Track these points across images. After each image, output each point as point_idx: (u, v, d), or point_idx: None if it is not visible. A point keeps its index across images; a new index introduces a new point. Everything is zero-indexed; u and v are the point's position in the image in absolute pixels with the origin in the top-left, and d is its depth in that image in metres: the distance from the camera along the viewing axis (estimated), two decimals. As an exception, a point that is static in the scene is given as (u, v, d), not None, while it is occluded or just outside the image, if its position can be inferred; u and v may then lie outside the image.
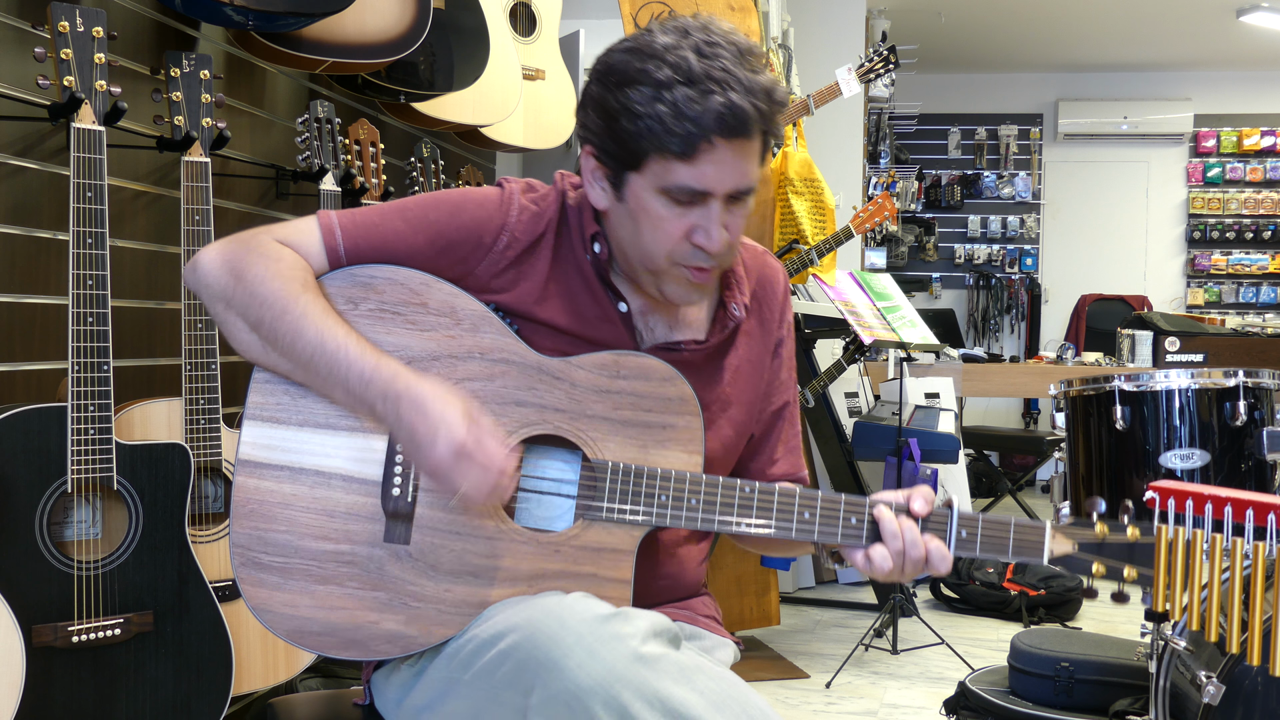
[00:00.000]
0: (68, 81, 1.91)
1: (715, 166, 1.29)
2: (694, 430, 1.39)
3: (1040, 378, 5.69)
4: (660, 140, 1.28)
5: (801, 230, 3.66)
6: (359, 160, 2.72)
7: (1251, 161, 8.44)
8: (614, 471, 1.35)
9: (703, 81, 1.26)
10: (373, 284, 1.37)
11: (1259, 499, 1.33)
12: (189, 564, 2.02)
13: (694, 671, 1.21)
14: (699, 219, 1.33)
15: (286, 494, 1.33)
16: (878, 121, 7.81)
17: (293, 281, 1.32)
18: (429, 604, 1.31)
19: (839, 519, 1.36)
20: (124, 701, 1.94)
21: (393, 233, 1.38)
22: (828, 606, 4.43)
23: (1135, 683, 2.63)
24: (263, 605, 1.32)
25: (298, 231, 1.38)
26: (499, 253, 1.40)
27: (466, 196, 1.43)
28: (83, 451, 1.88)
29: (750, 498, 1.36)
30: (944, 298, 8.83)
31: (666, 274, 1.38)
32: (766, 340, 1.55)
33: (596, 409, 1.37)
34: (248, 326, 1.34)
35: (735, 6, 3.58)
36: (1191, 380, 2.34)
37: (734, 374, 1.50)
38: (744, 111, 1.27)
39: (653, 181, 1.32)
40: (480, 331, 1.37)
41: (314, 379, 1.33)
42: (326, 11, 2.33)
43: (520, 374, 1.36)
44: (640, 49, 1.30)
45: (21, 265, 2.08)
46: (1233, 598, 1.33)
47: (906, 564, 1.34)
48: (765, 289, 1.55)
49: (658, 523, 1.35)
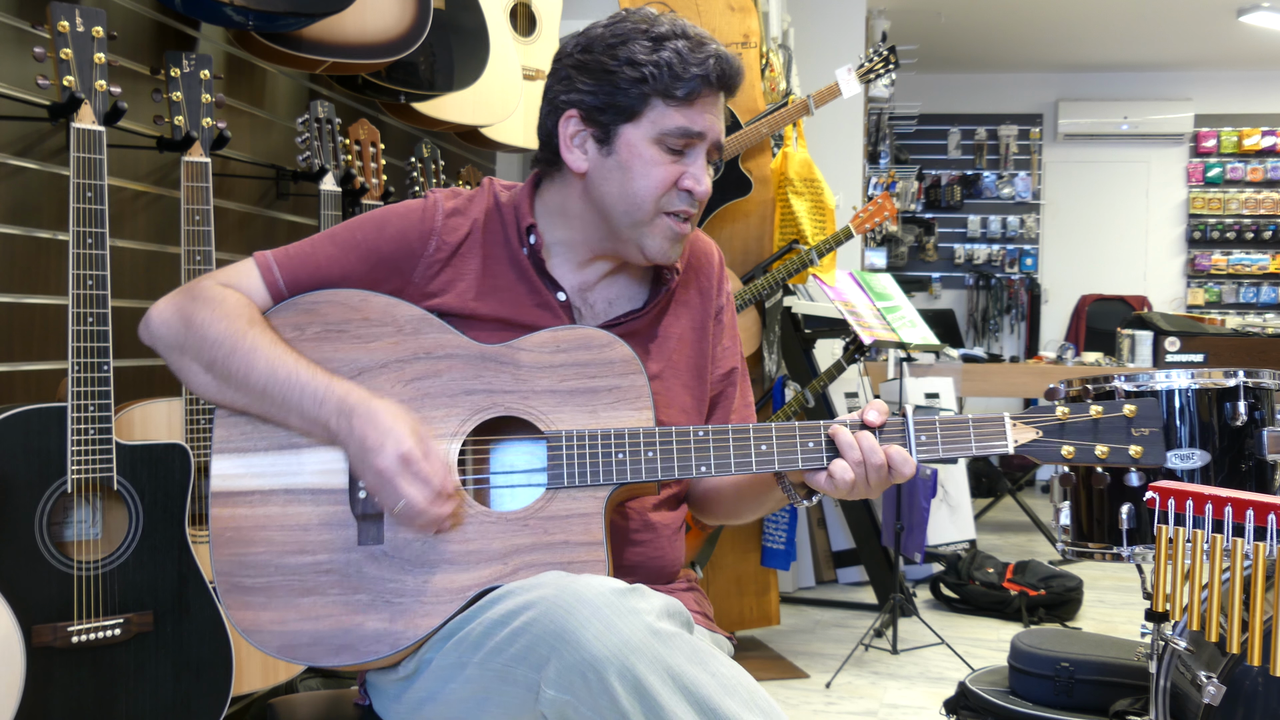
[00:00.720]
0: (68, 81, 1.91)
1: (708, 114, 1.44)
2: (640, 388, 1.43)
3: (1040, 378, 5.69)
4: (664, 85, 1.40)
5: (801, 230, 3.66)
6: (359, 160, 2.72)
7: (1252, 161, 8.45)
8: (568, 439, 1.38)
9: (694, 38, 1.43)
10: (315, 309, 1.43)
11: (1259, 499, 1.33)
12: (189, 564, 2.02)
13: (707, 655, 1.22)
14: (688, 164, 1.44)
15: (260, 517, 1.38)
16: (878, 121, 7.81)
17: (239, 319, 1.39)
18: (410, 597, 1.34)
19: (796, 444, 1.39)
20: (124, 701, 1.94)
21: (326, 258, 1.46)
22: (828, 606, 4.43)
23: (1135, 683, 2.63)
24: (251, 626, 1.35)
25: (238, 274, 1.46)
26: (430, 256, 1.47)
27: (390, 211, 1.50)
28: (83, 451, 1.88)
29: (705, 440, 1.39)
30: (944, 298, 8.83)
31: (650, 225, 1.45)
32: (706, 307, 1.60)
33: (543, 384, 1.41)
34: (202, 368, 1.40)
35: (735, 6, 3.58)
36: (1191, 380, 2.34)
37: (678, 341, 1.56)
38: (733, 65, 1.44)
39: (648, 130, 1.42)
40: (422, 333, 1.43)
41: (270, 408, 1.38)
42: (326, 11, 2.33)
43: (466, 365, 1.41)
44: (625, 19, 1.45)
45: (21, 265, 2.08)
46: (1233, 598, 1.33)
47: (869, 473, 1.36)
48: (699, 259, 1.62)
49: (619, 479, 1.38)
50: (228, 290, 1.43)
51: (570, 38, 1.49)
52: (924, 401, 5.16)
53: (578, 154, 1.46)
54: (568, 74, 1.46)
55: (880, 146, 7.85)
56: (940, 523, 4.89)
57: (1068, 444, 1.34)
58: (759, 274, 3.49)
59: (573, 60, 1.46)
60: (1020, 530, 6.20)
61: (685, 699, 1.17)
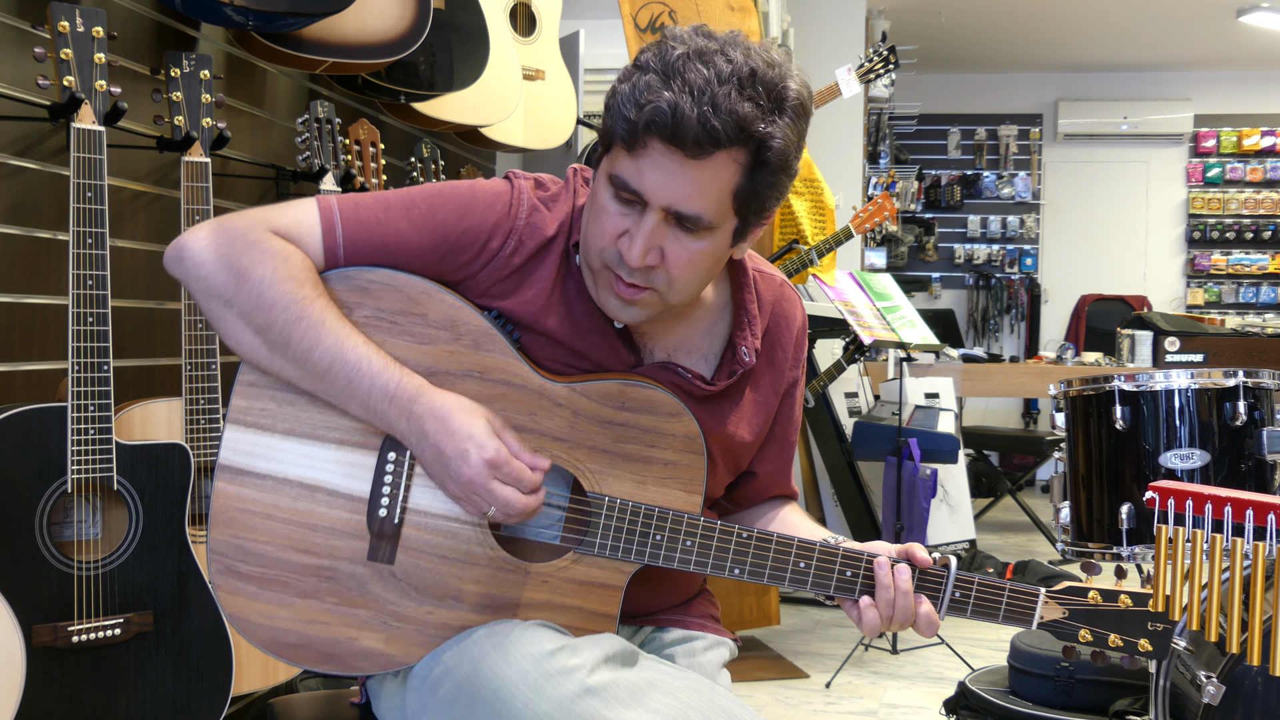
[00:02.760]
0: (68, 81, 1.91)
1: (656, 172, 1.22)
2: (696, 469, 1.36)
3: (1040, 378, 5.69)
4: (613, 119, 1.23)
5: (801, 230, 3.66)
6: (359, 160, 2.72)
7: (1251, 161, 8.44)
8: (610, 507, 1.32)
9: (665, 74, 1.20)
10: (370, 289, 1.30)
11: (1259, 499, 1.33)
12: (189, 564, 2.02)
13: (647, 690, 1.20)
14: (630, 224, 1.25)
15: (268, 504, 1.29)
16: (878, 121, 7.81)
17: (304, 284, 1.25)
18: (409, 625, 1.30)
19: (834, 570, 1.34)
20: (124, 701, 1.94)
21: (396, 233, 1.31)
22: (828, 606, 4.43)
23: (1135, 683, 2.63)
24: (239, 614, 1.29)
25: (296, 223, 1.29)
26: (504, 259, 1.33)
27: (475, 194, 1.34)
28: (83, 451, 1.88)
29: (746, 544, 1.33)
30: (944, 298, 8.83)
31: (598, 275, 1.31)
32: (776, 380, 1.48)
33: (598, 440, 1.33)
34: (251, 330, 1.26)
35: (735, 7, 3.58)
36: (1191, 380, 2.34)
37: (738, 413, 1.44)
38: (686, 120, 1.17)
39: (607, 166, 1.27)
40: (481, 349, 1.31)
41: (328, 389, 1.26)
42: (326, 11, 2.33)
43: (521, 397, 1.31)
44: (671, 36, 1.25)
45: (21, 265, 2.08)
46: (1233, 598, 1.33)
47: (896, 614, 1.33)
48: (780, 325, 1.48)
49: (650, 561, 1.33)
50: (289, 247, 1.27)
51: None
52: (924, 401, 5.16)
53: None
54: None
55: (880, 146, 7.85)
56: (940, 522, 4.89)
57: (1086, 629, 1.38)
58: (759, 274, 3.49)
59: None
60: (1020, 530, 6.20)
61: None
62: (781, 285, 1.51)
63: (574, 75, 3.79)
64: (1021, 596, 1.36)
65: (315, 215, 1.30)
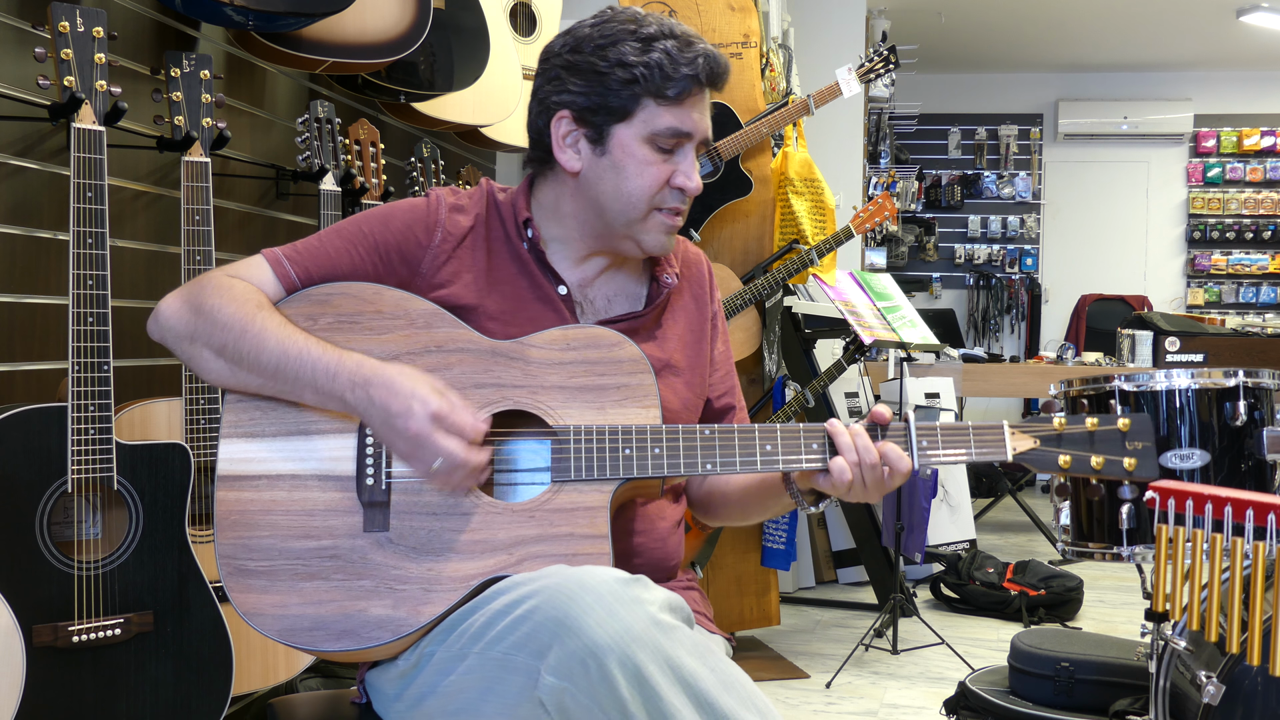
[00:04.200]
0: (68, 81, 1.91)
1: (698, 111, 1.47)
2: (648, 387, 1.44)
3: (1040, 378, 5.69)
4: (656, 85, 1.43)
5: (801, 230, 3.66)
6: (359, 160, 2.72)
7: (1251, 161, 8.44)
8: (576, 433, 1.40)
9: (682, 37, 1.45)
10: (329, 300, 1.45)
11: (1259, 499, 1.33)
12: (189, 564, 2.02)
13: (706, 650, 1.24)
14: (678, 163, 1.48)
15: (266, 501, 1.38)
16: (878, 121, 7.81)
17: (247, 304, 1.40)
18: (414, 584, 1.35)
19: (801, 444, 1.41)
20: (124, 701, 1.94)
21: (335, 251, 1.48)
22: (828, 606, 4.43)
23: (1135, 683, 2.63)
24: (252, 609, 1.35)
25: (247, 268, 1.47)
26: (436, 248, 1.49)
27: (393, 206, 1.53)
28: (83, 451, 1.88)
29: (711, 439, 1.41)
30: (944, 298, 8.83)
31: (644, 222, 1.49)
32: (702, 313, 1.64)
33: (552, 380, 1.43)
34: (214, 354, 1.40)
35: (735, 6, 3.58)
36: (1191, 380, 2.34)
37: (678, 341, 1.59)
38: (721, 63, 1.47)
39: (640, 130, 1.45)
40: (434, 327, 1.44)
41: (283, 385, 1.39)
42: (326, 11, 2.33)
43: (476, 359, 1.43)
44: (613, 19, 1.46)
45: (21, 265, 2.08)
46: (1233, 598, 1.33)
47: (865, 472, 1.39)
48: (691, 268, 1.66)
49: (625, 474, 1.39)
50: (236, 280, 1.44)
51: (558, 38, 1.51)
52: (924, 401, 5.16)
53: (571, 154, 1.48)
54: (558, 74, 1.48)
55: (880, 146, 7.85)
56: (940, 523, 4.89)
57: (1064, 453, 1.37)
58: (759, 274, 3.49)
59: (562, 60, 1.47)
60: (1020, 530, 6.20)
61: (684, 691, 1.18)
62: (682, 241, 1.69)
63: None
64: (987, 430, 1.42)
65: (263, 260, 1.48)
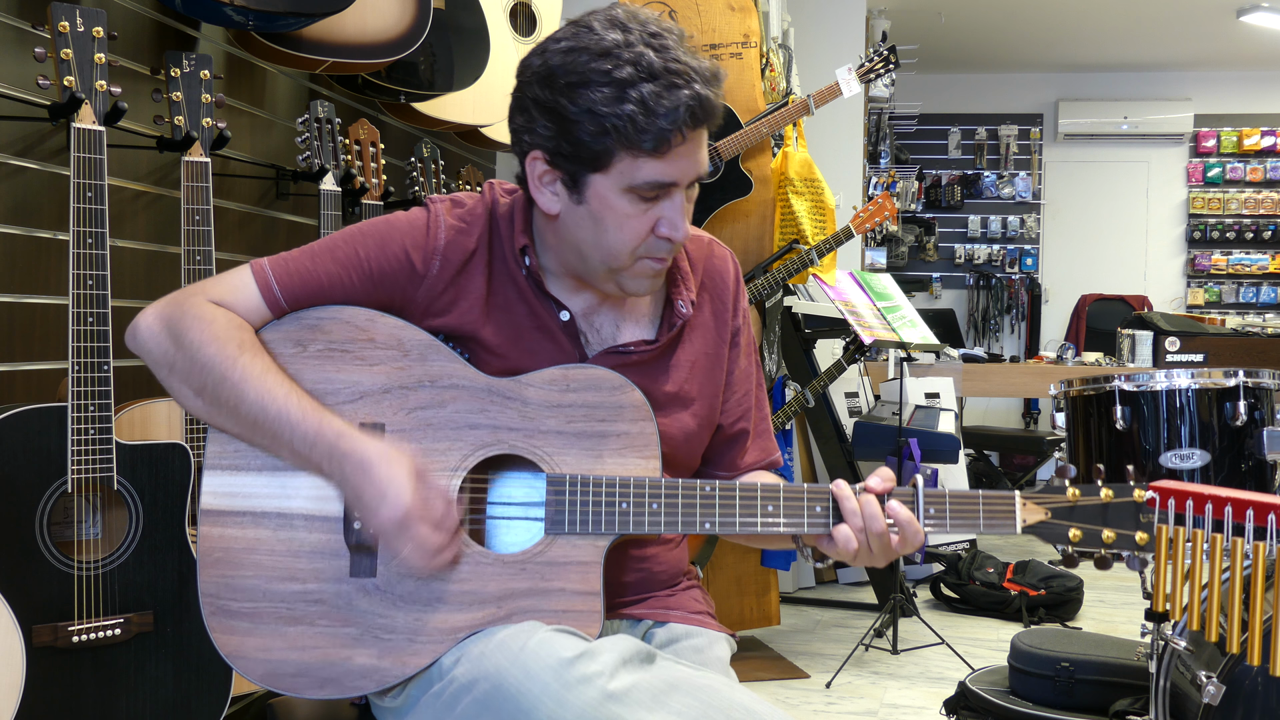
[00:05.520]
0: (68, 81, 1.91)
1: (684, 159, 1.32)
2: (649, 436, 1.38)
3: (1040, 378, 5.69)
4: (630, 139, 1.28)
5: (801, 230, 3.66)
6: (359, 160, 2.72)
7: (1251, 161, 8.44)
8: (572, 484, 1.35)
9: (664, 76, 1.27)
10: (319, 325, 1.38)
11: (1259, 499, 1.33)
12: (189, 564, 2.02)
13: (669, 692, 1.21)
14: (663, 210, 1.34)
15: (250, 539, 1.34)
16: (878, 121, 7.81)
17: (229, 343, 1.33)
18: (400, 635, 1.31)
19: (803, 508, 1.35)
20: (124, 701, 1.94)
21: (327, 275, 1.39)
22: (828, 606, 4.43)
23: (1135, 683, 2.63)
24: (235, 652, 1.33)
25: (233, 289, 1.38)
26: (434, 277, 1.40)
27: (393, 226, 1.42)
28: (83, 451, 1.88)
29: (711, 496, 1.35)
30: (944, 298, 8.83)
31: (629, 269, 1.38)
32: (721, 331, 1.53)
33: (550, 424, 1.37)
34: (193, 392, 1.34)
35: (735, 6, 3.58)
36: (1191, 380, 2.34)
37: (690, 369, 1.49)
38: (710, 101, 1.30)
39: (618, 181, 1.32)
40: (428, 360, 1.38)
41: (261, 439, 1.33)
42: (326, 11, 2.33)
43: (471, 397, 1.37)
44: (586, 48, 1.29)
45: (21, 265, 2.08)
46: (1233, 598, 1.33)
47: (872, 540, 1.33)
48: (715, 279, 1.54)
49: (620, 530, 1.35)
50: (217, 310, 1.36)
51: (532, 53, 1.37)
52: (924, 401, 5.16)
53: (548, 195, 1.37)
54: (528, 107, 1.35)
55: (880, 146, 7.85)
56: (940, 523, 4.88)
57: (1075, 527, 1.35)
58: (759, 274, 3.49)
59: (532, 92, 1.34)
60: (1020, 530, 6.19)
61: None
62: (710, 244, 1.57)
63: (574, 75, 3.79)
64: (997, 501, 1.35)
65: (250, 278, 1.39)
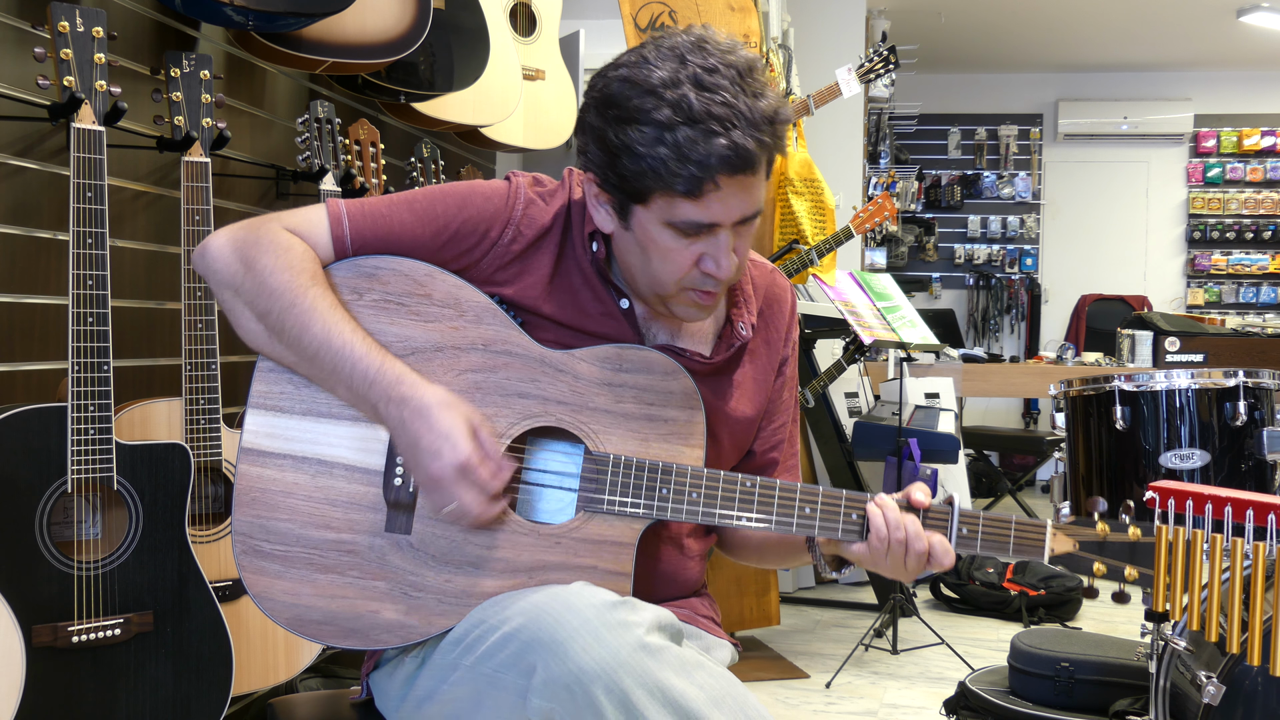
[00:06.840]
0: (68, 81, 1.91)
1: (722, 203, 1.29)
2: (696, 424, 1.40)
3: (1040, 378, 5.69)
4: (664, 180, 1.27)
5: (801, 230, 3.66)
6: (359, 160, 2.72)
7: (1251, 161, 8.44)
8: (615, 464, 1.35)
9: (704, 121, 1.24)
10: (377, 274, 1.38)
11: (1259, 499, 1.33)
12: (189, 564, 2.02)
13: (695, 667, 1.22)
14: (707, 248, 1.33)
15: (289, 482, 1.34)
16: (878, 121, 7.81)
17: (301, 273, 1.33)
18: (429, 594, 1.32)
19: (840, 513, 1.36)
20: (124, 701, 1.94)
21: (399, 224, 1.39)
22: (828, 606, 4.43)
23: (1135, 683, 2.63)
24: (264, 593, 1.33)
25: (307, 221, 1.39)
26: (504, 246, 1.41)
27: (474, 189, 1.43)
28: (83, 451, 1.88)
29: (751, 492, 1.36)
30: (944, 298, 8.83)
31: (675, 298, 1.39)
32: (771, 358, 1.55)
33: (599, 401, 1.38)
34: (255, 317, 1.34)
35: (735, 6, 3.58)
36: (1191, 380, 2.34)
37: (738, 390, 1.50)
38: (748, 151, 1.26)
39: (659, 215, 1.32)
40: (484, 323, 1.38)
41: (318, 373, 1.33)
42: (326, 11, 2.33)
43: (523, 366, 1.37)
44: (638, 81, 1.28)
45: (21, 265, 2.08)
46: (1233, 598, 1.33)
47: (909, 558, 1.33)
48: (772, 307, 1.56)
49: (658, 515, 1.36)
50: (294, 239, 1.37)
51: (600, 72, 1.35)
52: (924, 401, 5.16)
53: (603, 214, 1.39)
54: (586, 130, 1.35)
55: (880, 146, 7.85)
56: (940, 523, 4.88)
57: (1100, 561, 1.36)
58: (759, 274, 3.49)
59: (590, 117, 1.34)
60: (1020, 530, 6.19)
61: (673, 714, 1.17)
62: (772, 272, 1.59)
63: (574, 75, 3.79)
64: (1029, 529, 1.37)
65: (324, 213, 1.40)
